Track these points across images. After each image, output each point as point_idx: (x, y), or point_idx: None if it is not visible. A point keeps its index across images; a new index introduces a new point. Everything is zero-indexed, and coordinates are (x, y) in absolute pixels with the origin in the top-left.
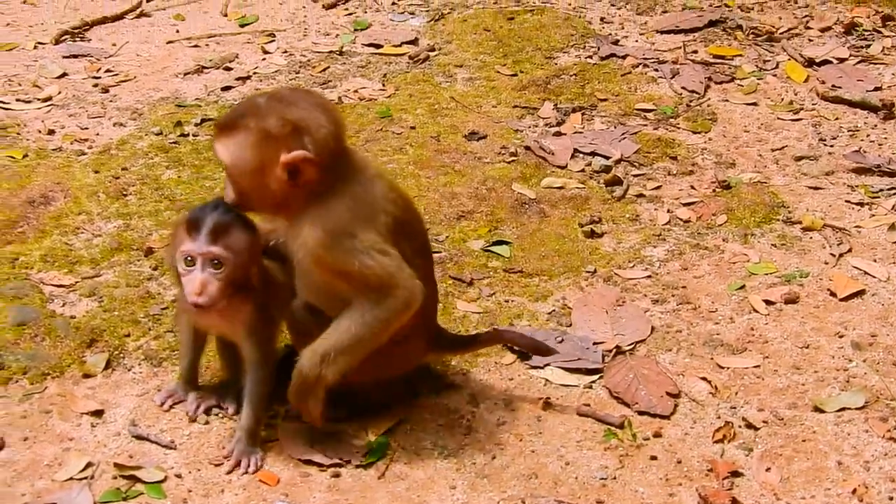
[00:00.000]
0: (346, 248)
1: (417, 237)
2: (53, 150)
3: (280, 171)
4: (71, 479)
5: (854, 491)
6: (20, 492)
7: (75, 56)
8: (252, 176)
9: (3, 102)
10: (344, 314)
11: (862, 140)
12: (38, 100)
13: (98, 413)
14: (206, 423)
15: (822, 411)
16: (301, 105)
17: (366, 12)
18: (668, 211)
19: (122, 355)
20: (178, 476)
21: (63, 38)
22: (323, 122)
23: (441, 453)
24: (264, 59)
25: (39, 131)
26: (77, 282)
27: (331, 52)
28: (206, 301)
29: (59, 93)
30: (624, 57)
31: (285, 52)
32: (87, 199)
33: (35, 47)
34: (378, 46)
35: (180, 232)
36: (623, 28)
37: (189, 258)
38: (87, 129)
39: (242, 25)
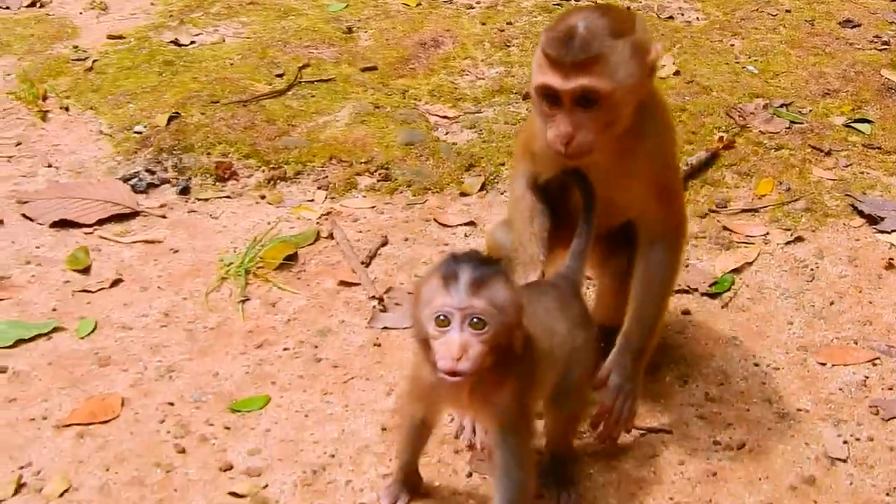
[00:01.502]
0: (674, 160)
1: None
2: (444, 1)
3: (648, 74)
4: None
5: None
6: (399, 280)
7: None
8: (629, 92)
9: None
10: (649, 269)
11: None
12: None
13: (471, 224)
14: None
15: None
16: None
17: None
18: None
19: (496, 180)
20: None
21: None
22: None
23: (783, 294)
24: None
25: None
26: (460, 115)
27: None
28: (467, 367)
29: None
30: None
31: None
32: (473, 47)
33: None
34: None
35: (428, 290)
36: None
37: (443, 316)
38: None
39: None
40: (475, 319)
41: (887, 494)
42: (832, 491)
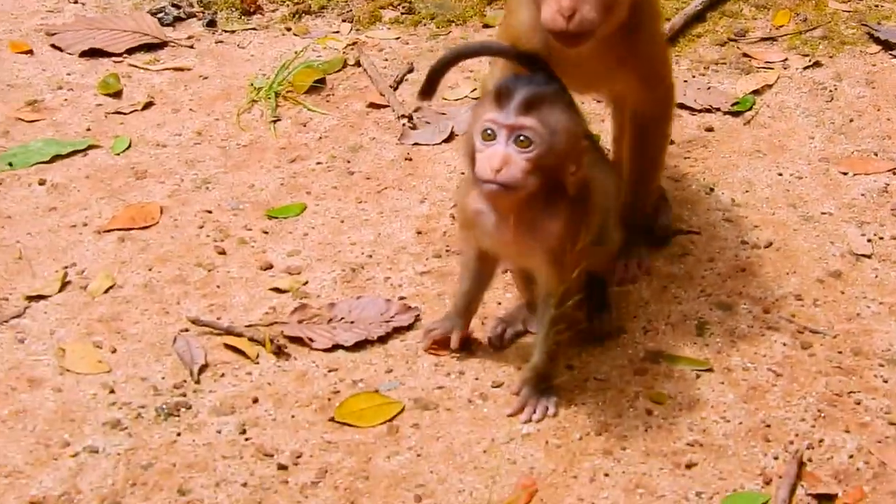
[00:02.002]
0: (662, 47)
1: None
2: None
3: None
4: (465, 97)
5: None
6: (426, 103)
7: None
8: None
9: None
10: (638, 145)
11: None
12: None
13: None
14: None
15: None
16: None
17: None
18: None
19: None
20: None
21: None
22: None
23: (803, 113)
24: None
25: None
26: None
27: None
28: (505, 178)
29: None
30: None
31: None
32: None
33: None
34: None
35: (481, 105)
36: None
37: (489, 130)
38: None
39: None
40: (521, 137)
41: None
42: (858, 283)
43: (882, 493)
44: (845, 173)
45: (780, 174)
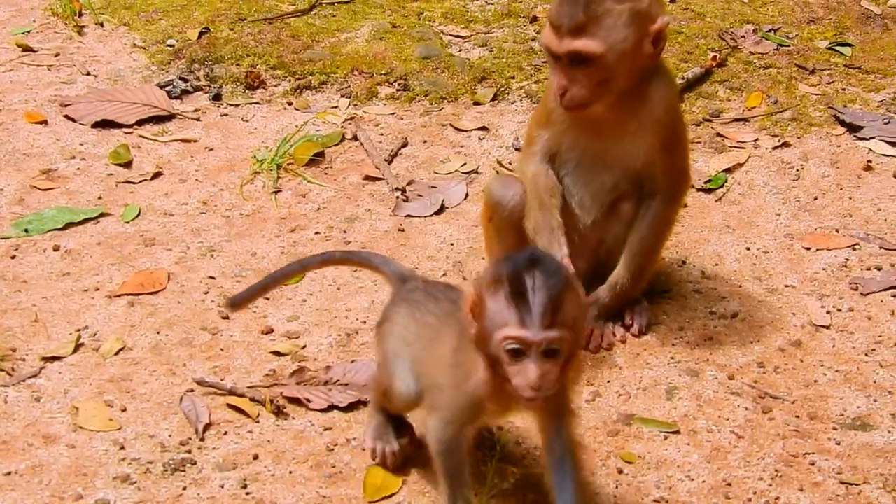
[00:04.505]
0: (680, 118)
1: None
2: None
3: (648, 44)
4: (455, 171)
5: None
6: (419, 176)
7: None
8: (623, 56)
9: None
10: (646, 218)
11: None
12: None
13: (484, 129)
14: None
15: None
16: None
17: None
18: None
19: (506, 92)
20: None
21: None
22: None
23: (771, 191)
24: None
25: None
26: (472, 35)
27: None
28: (546, 391)
29: None
30: None
31: None
32: None
33: None
34: None
35: (497, 309)
36: None
37: (518, 349)
38: None
39: None
40: (552, 350)
41: (866, 355)
42: (816, 352)
43: None
44: (808, 248)
45: (748, 248)
